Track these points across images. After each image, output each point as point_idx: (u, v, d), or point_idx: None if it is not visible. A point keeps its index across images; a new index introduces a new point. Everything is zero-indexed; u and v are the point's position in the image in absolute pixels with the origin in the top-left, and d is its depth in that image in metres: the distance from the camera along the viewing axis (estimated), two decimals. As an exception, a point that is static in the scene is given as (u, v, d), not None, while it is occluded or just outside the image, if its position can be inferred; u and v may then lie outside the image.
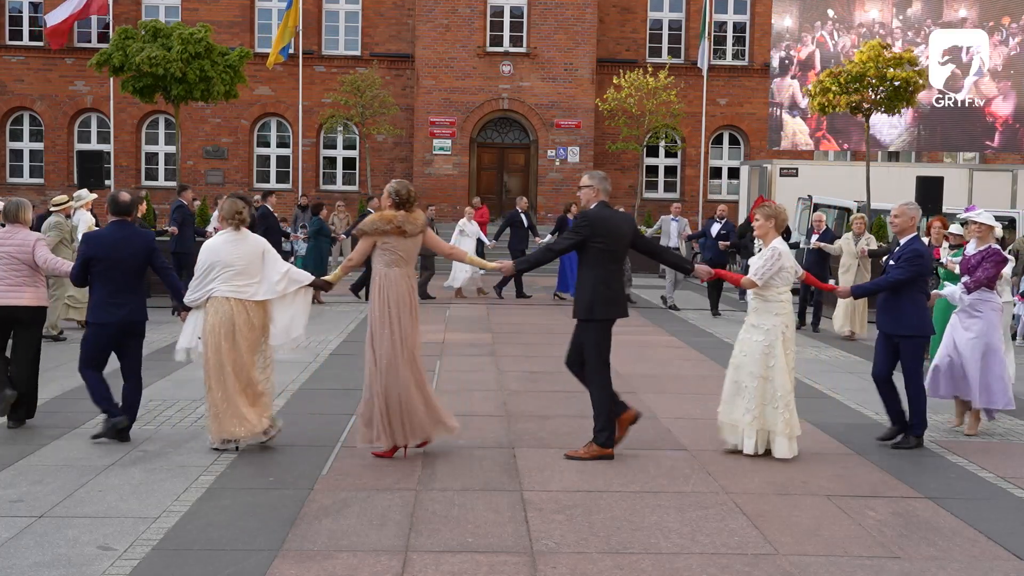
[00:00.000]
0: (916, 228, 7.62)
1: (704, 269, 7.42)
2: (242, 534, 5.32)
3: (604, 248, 6.87)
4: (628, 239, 7.07)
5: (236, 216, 7.00)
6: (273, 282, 6.99)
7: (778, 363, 7.02)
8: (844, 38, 27.65)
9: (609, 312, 6.92)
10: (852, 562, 5.13)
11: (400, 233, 6.80)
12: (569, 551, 5.17)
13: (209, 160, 30.29)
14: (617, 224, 7.01)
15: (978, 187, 24.16)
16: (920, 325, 7.48)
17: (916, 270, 7.39)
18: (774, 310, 7.07)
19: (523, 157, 29.92)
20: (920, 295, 7.53)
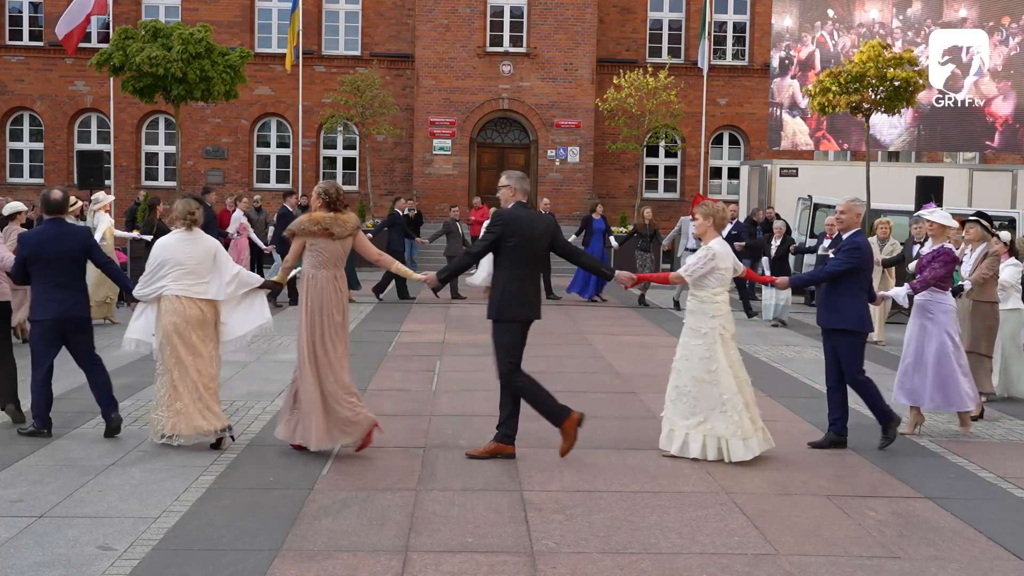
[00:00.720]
0: (861, 224, 7.60)
1: (626, 275, 7.37)
2: (242, 534, 5.32)
3: (516, 248, 6.80)
4: (545, 240, 6.99)
5: (188, 216, 7.11)
6: (224, 283, 7.12)
7: (720, 366, 6.92)
8: (844, 38, 27.65)
9: (518, 313, 6.85)
10: (852, 562, 5.13)
11: (327, 235, 6.86)
12: (569, 551, 5.18)
13: (209, 160, 30.28)
14: (532, 225, 6.93)
15: (978, 187, 24.16)
16: (858, 320, 7.38)
17: (854, 263, 7.31)
18: (710, 312, 6.98)
19: (523, 157, 29.91)
20: (860, 291, 7.43)
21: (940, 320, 7.85)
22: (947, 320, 7.86)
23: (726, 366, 6.93)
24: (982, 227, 8.81)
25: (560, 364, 11.28)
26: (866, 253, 7.42)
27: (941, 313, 7.86)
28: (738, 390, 6.95)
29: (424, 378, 10.11)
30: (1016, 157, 28.24)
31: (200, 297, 7.05)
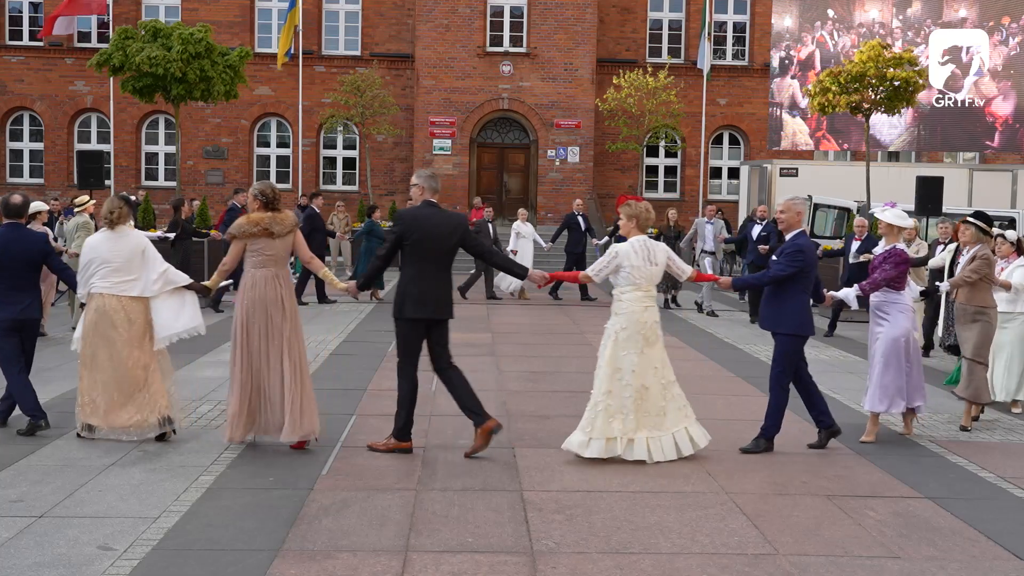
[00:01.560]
0: (802, 223, 7.46)
1: (538, 274, 7.37)
2: (242, 534, 5.32)
3: (417, 247, 6.84)
4: (450, 240, 6.93)
5: (108, 216, 7.24)
6: (150, 281, 7.20)
7: (603, 364, 6.88)
8: (844, 38, 27.65)
9: (417, 311, 6.86)
10: (852, 562, 5.13)
11: (268, 235, 6.95)
12: (569, 551, 5.18)
13: (209, 160, 30.29)
14: (436, 224, 6.90)
15: (978, 187, 24.18)
16: (798, 324, 7.23)
17: (797, 266, 7.16)
18: (614, 309, 6.98)
19: (523, 157, 29.91)
20: (803, 293, 7.28)
21: (896, 320, 7.67)
22: (904, 319, 7.68)
23: (606, 366, 6.87)
24: (977, 228, 8.62)
25: (560, 364, 11.28)
26: (809, 255, 7.25)
27: (897, 312, 7.69)
28: (608, 392, 6.81)
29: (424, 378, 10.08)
30: (1016, 157, 28.24)
31: (125, 294, 7.15)
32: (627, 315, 6.90)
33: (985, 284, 8.50)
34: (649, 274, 6.94)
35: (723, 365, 11.42)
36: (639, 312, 6.89)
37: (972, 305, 8.47)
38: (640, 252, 6.89)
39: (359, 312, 15.60)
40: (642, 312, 6.90)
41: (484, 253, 7.41)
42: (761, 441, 7.35)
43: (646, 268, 6.90)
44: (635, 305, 6.89)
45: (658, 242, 7.14)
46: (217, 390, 9.20)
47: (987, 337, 8.52)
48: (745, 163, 28.30)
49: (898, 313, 7.70)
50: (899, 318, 7.69)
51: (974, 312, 8.46)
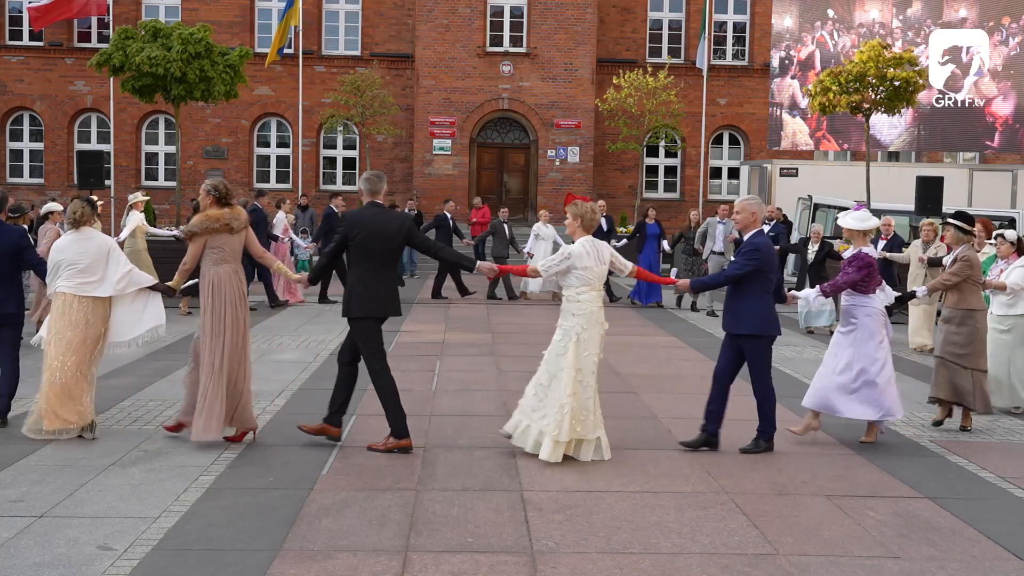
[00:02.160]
0: (759, 223, 7.34)
1: (487, 266, 7.42)
2: (242, 534, 5.32)
3: (362, 247, 6.95)
4: (395, 239, 7.04)
5: (72, 216, 7.37)
6: (113, 281, 7.29)
7: (567, 364, 6.88)
8: (844, 38, 27.65)
9: (365, 310, 6.96)
10: (852, 562, 5.13)
11: (228, 230, 7.13)
12: (569, 551, 5.18)
13: (209, 160, 30.28)
14: (381, 224, 7.01)
15: (978, 187, 24.17)
16: (761, 324, 7.15)
17: (753, 265, 7.07)
18: (571, 310, 6.96)
19: (523, 157, 29.91)
20: (764, 294, 7.17)
21: (865, 324, 7.56)
22: (872, 323, 7.56)
23: (571, 366, 6.86)
24: (957, 229, 8.37)
25: (560, 364, 11.27)
26: (766, 254, 7.13)
27: (865, 317, 7.57)
28: (573, 394, 6.79)
29: (424, 378, 10.10)
30: (1016, 157, 28.24)
31: (88, 295, 7.24)
32: (587, 316, 6.91)
33: (971, 286, 8.25)
34: (600, 273, 6.99)
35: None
36: (596, 312, 6.95)
37: (959, 309, 8.23)
38: (591, 253, 6.93)
39: (359, 312, 15.60)
40: (598, 312, 6.97)
41: (430, 250, 7.52)
42: (760, 442, 7.34)
43: (597, 268, 6.95)
44: (593, 305, 6.94)
45: (602, 241, 7.16)
46: (217, 390, 9.19)
47: (978, 342, 8.23)
48: (745, 163, 28.30)
49: (865, 317, 7.58)
50: (866, 322, 7.58)
51: (962, 316, 8.21)
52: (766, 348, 7.27)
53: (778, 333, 7.31)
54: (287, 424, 7.73)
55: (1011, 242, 9.05)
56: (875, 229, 7.90)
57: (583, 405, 6.85)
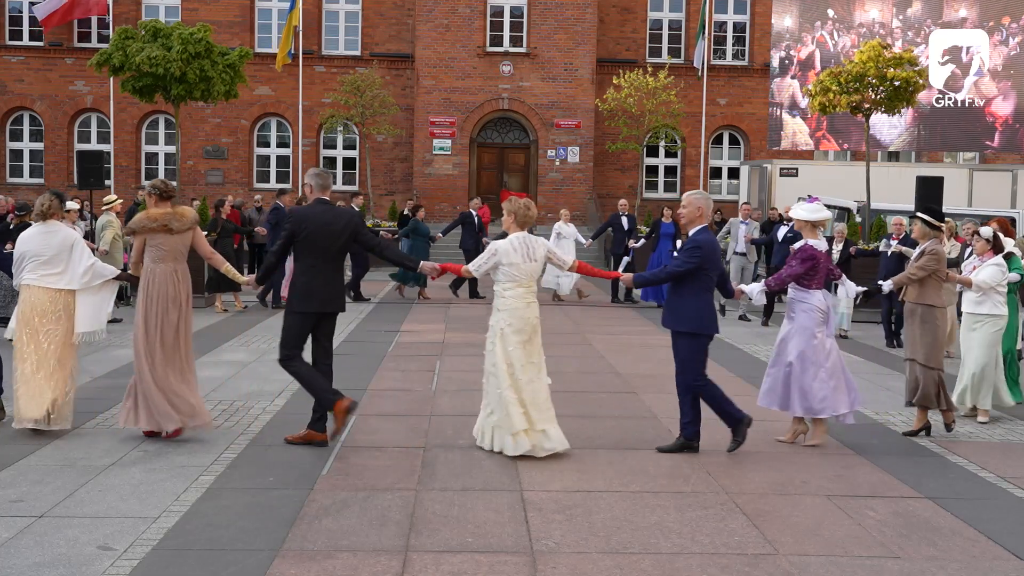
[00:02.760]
0: (706, 218, 7.17)
1: (429, 266, 7.48)
2: (242, 534, 5.32)
3: (308, 243, 7.04)
4: (341, 236, 7.13)
5: (40, 209, 7.50)
6: (78, 274, 7.41)
7: (497, 360, 6.94)
8: (844, 38, 27.65)
9: (304, 305, 7.06)
10: (852, 562, 5.13)
11: (166, 230, 7.22)
12: (569, 551, 5.18)
13: (209, 160, 30.29)
14: (326, 220, 7.09)
15: (978, 187, 24.18)
16: (697, 321, 7.02)
17: (694, 262, 6.95)
18: (497, 305, 7.04)
19: (523, 157, 29.92)
20: (704, 291, 7.05)
21: (800, 320, 7.45)
22: (807, 320, 7.41)
23: (502, 361, 6.91)
24: (925, 223, 8.14)
25: (560, 364, 11.27)
26: (708, 251, 6.99)
27: (802, 312, 7.45)
28: (511, 386, 6.86)
29: (424, 378, 10.11)
30: (1016, 157, 28.24)
31: (52, 287, 7.35)
32: (511, 311, 6.96)
33: (935, 282, 8.00)
34: (529, 270, 6.98)
35: (723, 365, 11.41)
36: (522, 308, 6.96)
37: (920, 304, 7.99)
38: (519, 249, 6.94)
39: (359, 312, 15.60)
40: (525, 308, 6.97)
41: (375, 248, 7.58)
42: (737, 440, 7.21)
43: (525, 265, 6.95)
44: (518, 301, 6.96)
45: (538, 237, 7.16)
46: (217, 390, 9.20)
47: (937, 340, 7.98)
48: (745, 163, 28.31)
49: (802, 313, 7.45)
50: (802, 318, 7.44)
51: (922, 312, 7.97)
52: (701, 347, 7.13)
53: (716, 332, 7.17)
54: (287, 424, 7.73)
55: (986, 239, 8.69)
56: (825, 221, 7.62)
57: (520, 398, 6.86)
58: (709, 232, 7.16)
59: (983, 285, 8.44)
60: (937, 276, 7.98)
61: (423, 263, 7.54)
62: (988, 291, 8.45)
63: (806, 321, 7.45)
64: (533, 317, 7.01)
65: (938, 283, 8.01)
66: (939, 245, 8.11)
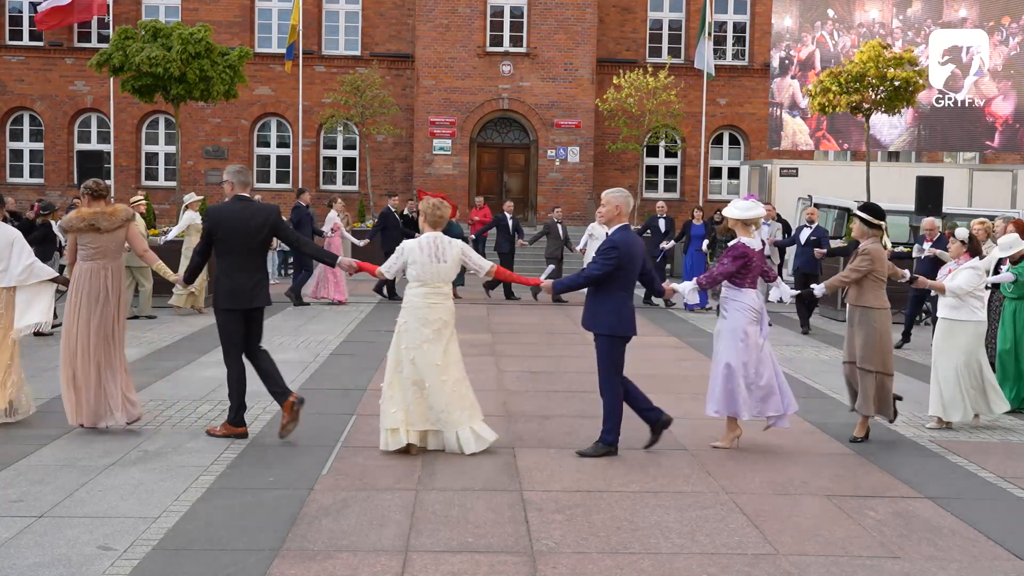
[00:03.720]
0: (625, 217, 7.06)
1: (347, 262, 7.54)
2: (242, 534, 5.32)
3: (227, 241, 7.16)
4: (258, 232, 7.23)
5: None
6: (15, 273, 7.55)
7: (389, 357, 7.05)
8: (844, 38, 27.64)
9: (228, 302, 7.18)
10: (852, 562, 5.13)
11: (94, 230, 7.37)
12: (569, 551, 5.18)
13: (209, 160, 30.28)
14: (245, 218, 7.20)
15: (978, 187, 24.17)
16: (613, 324, 6.91)
17: (611, 264, 6.83)
18: (403, 304, 7.08)
19: (523, 157, 29.91)
20: (621, 291, 6.93)
21: (731, 319, 7.33)
22: (739, 319, 7.30)
23: (392, 358, 7.01)
24: (862, 221, 7.76)
25: (560, 364, 11.28)
26: (625, 251, 6.86)
27: (734, 311, 7.33)
28: (391, 384, 6.95)
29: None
30: (1016, 157, 28.24)
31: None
32: (411, 309, 6.98)
33: (874, 282, 7.64)
34: (436, 271, 6.93)
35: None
36: (423, 308, 6.94)
37: (857, 305, 7.69)
38: (426, 249, 6.93)
39: (359, 312, 15.61)
40: (426, 308, 6.94)
41: (294, 244, 7.72)
42: (600, 446, 7.07)
43: (431, 265, 6.91)
44: (420, 300, 6.95)
45: (452, 239, 7.08)
46: (217, 390, 9.20)
47: (874, 343, 7.61)
48: (745, 163, 28.29)
49: (735, 312, 7.34)
50: (735, 316, 7.33)
51: (860, 314, 7.66)
52: (617, 348, 7.01)
53: (633, 333, 7.03)
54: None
55: (961, 241, 8.32)
56: (757, 220, 7.40)
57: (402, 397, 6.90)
58: (628, 232, 7.05)
59: (957, 291, 8.09)
60: (875, 276, 7.62)
61: (341, 259, 7.65)
62: (965, 296, 8.10)
63: (737, 320, 7.34)
64: (436, 318, 6.95)
65: (877, 283, 7.65)
66: (876, 244, 7.71)
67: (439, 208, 7.04)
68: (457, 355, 7.10)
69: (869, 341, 7.60)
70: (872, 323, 7.60)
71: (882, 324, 7.63)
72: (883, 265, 7.67)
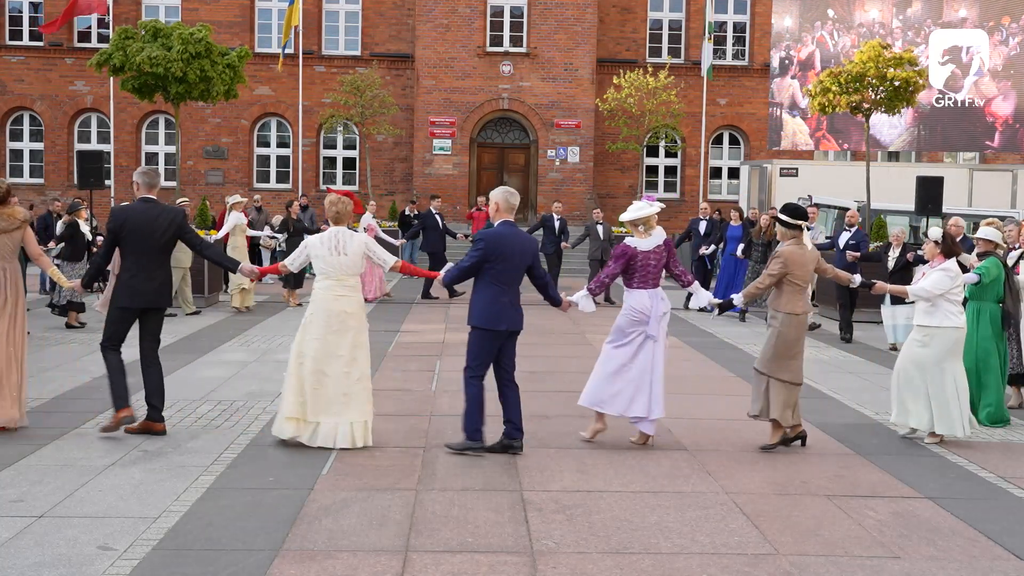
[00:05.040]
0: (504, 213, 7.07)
1: (248, 268, 7.77)
2: (242, 534, 5.32)
3: (130, 241, 7.29)
4: (164, 234, 7.34)
5: None
6: None
7: (293, 347, 7.17)
8: (844, 38, 27.65)
9: (126, 301, 7.32)
10: (852, 562, 5.13)
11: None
12: (569, 551, 5.18)
13: (209, 160, 30.29)
14: (148, 218, 7.32)
15: (978, 187, 24.17)
16: (480, 316, 7.03)
17: (475, 255, 6.98)
18: (311, 297, 7.24)
19: (523, 157, 29.91)
20: (491, 285, 7.00)
21: (618, 321, 7.41)
22: (621, 320, 7.37)
23: (295, 349, 7.12)
24: (780, 223, 7.49)
25: (560, 364, 11.28)
26: (490, 245, 6.95)
27: (620, 314, 7.40)
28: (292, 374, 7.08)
29: (424, 378, 10.11)
30: (1016, 157, 28.24)
31: None
32: (315, 302, 7.13)
33: (791, 286, 7.32)
34: (338, 264, 7.08)
35: (723, 365, 11.42)
36: (328, 301, 7.08)
37: (771, 308, 7.48)
38: (327, 243, 7.09)
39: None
40: (331, 301, 7.08)
41: (196, 246, 7.77)
42: (466, 441, 7.09)
43: (332, 258, 7.06)
44: (325, 293, 7.10)
45: (356, 233, 7.31)
46: (217, 390, 9.20)
47: (776, 349, 7.37)
48: (745, 163, 28.30)
49: (621, 314, 7.40)
50: (619, 318, 7.41)
51: (771, 316, 7.47)
52: (486, 342, 7.08)
53: (503, 327, 7.05)
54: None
55: (935, 241, 7.78)
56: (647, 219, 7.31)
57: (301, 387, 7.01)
58: (506, 227, 7.06)
59: (922, 294, 7.59)
60: (791, 280, 7.30)
61: (242, 265, 7.84)
62: (937, 300, 7.57)
63: (620, 321, 7.41)
64: (339, 310, 7.10)
65: (794, 287, 7.33)
66: (792, 246, 7.37)
67: (335, 204, 7.24)
68: (365, 350, 7.24)
69: (768, 343, 7.46)
70: (779, 327, 7.35)
71: (785, 329, 7.34)
72: (801, 268, 7.32)
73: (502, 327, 7.05)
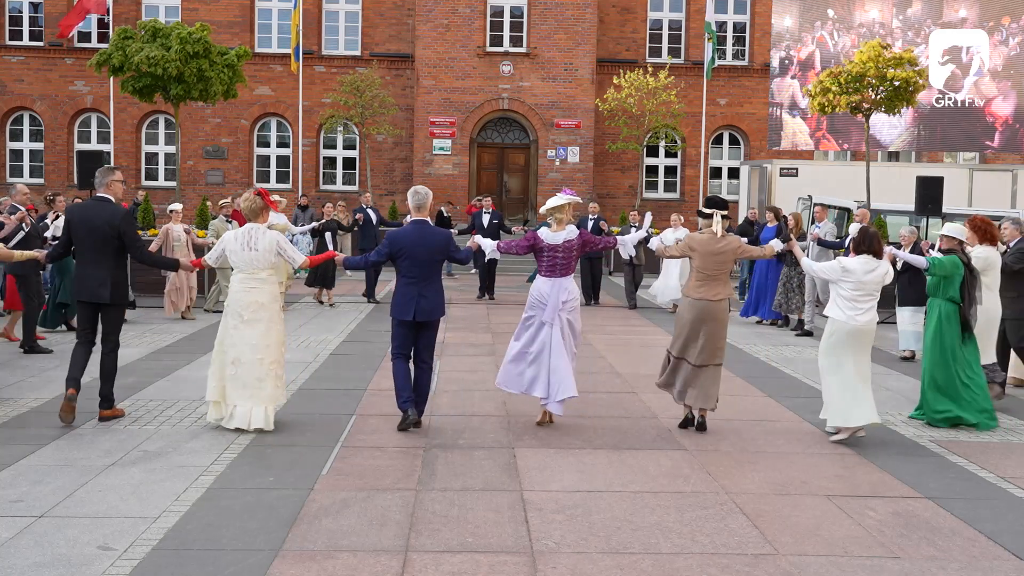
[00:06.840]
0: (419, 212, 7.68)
1: (185, 263, 8.33)
2: (242, 534, 5.32)
3: (76, 237, 7.73)
4: (106, 232, 7.64)
5: None
6: None
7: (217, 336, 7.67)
8: (844, 38, 27.65)
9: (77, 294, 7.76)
10: (852, 562, 5.13)
11: None
12: (569, 551, 5.18)
13: (209, 160, 30.29)
14: (91, 217, 7.69)
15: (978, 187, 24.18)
16: (391, 306, 7.71)
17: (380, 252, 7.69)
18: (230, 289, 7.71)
19: (523, 157, 29.91)
20: (402, 278, 7.66)
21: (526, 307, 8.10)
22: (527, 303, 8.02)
23: (218, 337, 7.65)
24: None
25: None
26: (393, 243, 7.59)
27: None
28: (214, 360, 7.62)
29: (424, 378, 10.08)
30: (1016, 157, 28.24)
31: None
32: (232, 294, 7.63)
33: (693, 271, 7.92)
34: (247, 259, 7.56)
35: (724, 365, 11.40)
36: (240, 292, 7.58)
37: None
38: (240, 239, 7.59)
39: (359, 312, 15.60)
40: (243, 292, 7.58)
41: (132, 248, 7.96)
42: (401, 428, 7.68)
43: (242, 253, 7.56)
44: (237, 285, 7.62)
45: (268, 231, 7.70)
46: (217, 390, 9.20)
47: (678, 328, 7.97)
48: (745, 163, 28.30)
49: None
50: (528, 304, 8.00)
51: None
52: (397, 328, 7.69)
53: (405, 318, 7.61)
54: (287, 424, 7.74)
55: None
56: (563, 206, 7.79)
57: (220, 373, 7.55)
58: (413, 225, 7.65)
59: (807, 268, 8.08)
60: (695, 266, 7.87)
61: (182, 260, 8.34)
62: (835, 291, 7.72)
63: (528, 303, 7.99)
64: (252, 301, 7.54)
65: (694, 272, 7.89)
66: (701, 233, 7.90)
67: (245, 202, 7.69)
68: (279, 339, 7.67)
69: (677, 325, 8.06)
70: (681, 310, 8.06)
71: (681, 310, 8.02)
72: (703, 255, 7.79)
73: (408, 317, 7.62)
